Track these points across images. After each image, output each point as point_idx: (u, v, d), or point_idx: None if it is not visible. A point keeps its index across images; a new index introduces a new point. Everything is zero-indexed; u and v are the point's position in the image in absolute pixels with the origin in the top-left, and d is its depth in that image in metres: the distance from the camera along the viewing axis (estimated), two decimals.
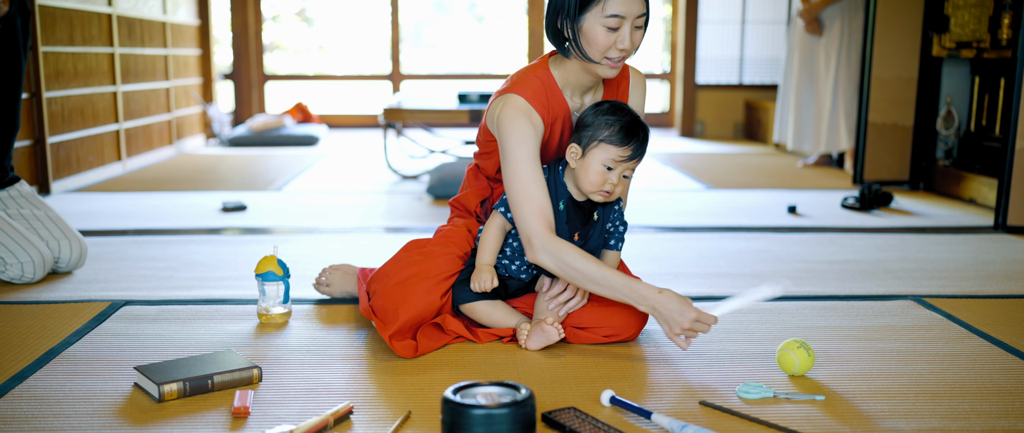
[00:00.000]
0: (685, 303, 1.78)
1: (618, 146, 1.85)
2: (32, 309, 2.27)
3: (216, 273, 2.66)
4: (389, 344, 1.90)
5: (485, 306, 2.00)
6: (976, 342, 2.03)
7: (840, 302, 2.37)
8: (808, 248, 3.04)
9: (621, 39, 1.84)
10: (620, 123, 1.86)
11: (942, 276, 2.67)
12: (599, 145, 1.86)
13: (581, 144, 1.89)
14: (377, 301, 1.98)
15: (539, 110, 1.92)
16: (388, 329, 1.91)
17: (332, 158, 5.66)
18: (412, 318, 1.93)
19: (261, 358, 1.90)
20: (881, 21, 4.35)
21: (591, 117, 1.89)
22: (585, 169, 1.88)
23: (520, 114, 1.90)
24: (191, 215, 3.65)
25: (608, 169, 1.87)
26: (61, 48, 4.28)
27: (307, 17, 10.48)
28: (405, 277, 1.97)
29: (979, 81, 4.24)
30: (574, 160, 1.91)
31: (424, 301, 1.94)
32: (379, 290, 1.99)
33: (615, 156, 1.86)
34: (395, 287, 1.96)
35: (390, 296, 1.95)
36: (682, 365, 1.87)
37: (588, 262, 1.82)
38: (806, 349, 1.79)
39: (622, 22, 1.83)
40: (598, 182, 1.88)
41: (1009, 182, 3.33)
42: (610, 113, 1.87)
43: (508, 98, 1.93)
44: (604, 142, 1.86)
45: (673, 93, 7.68)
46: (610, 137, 1.85)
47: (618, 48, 1.85)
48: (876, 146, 4.48)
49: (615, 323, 1.98)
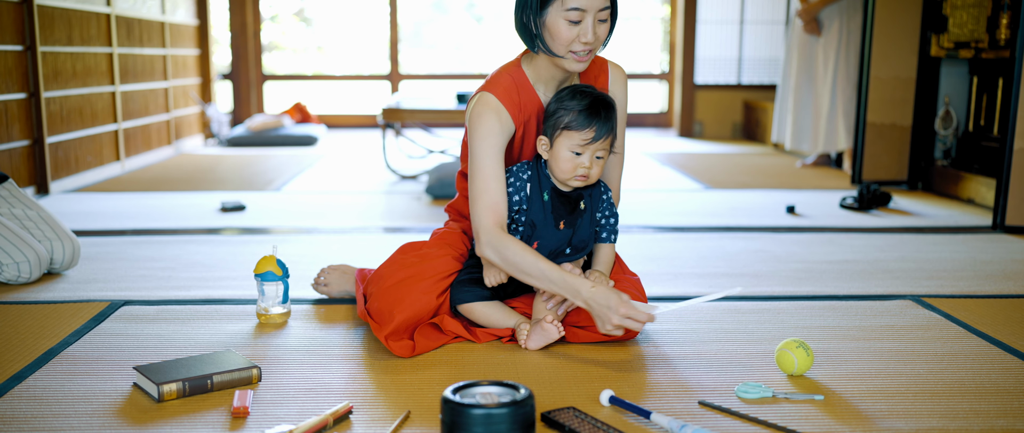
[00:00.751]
0: (618, 298, 1.79)
1: (580, 130, 1.87)
2: (31, 309, 2.27)
3: (215, 273, 2.66)
4: (386, 344, 1.90)
5: (483, 307, 2.00)
6: (975, 342, 2.04)
7: (839, 302, 2.37)
8: (807, 248, 3.04)
9: (584, 32, 1.85)
10: (579, 107, 1.88)
11: (940, 276, 2.67)
12: (562, 133, 1.89)
13: (548, 135, 1.91)
14: (373, 303, 1.99)
15: (510, 107, 1.95)
16: (384, 330, 1.92)
17: (331, 158, 5.66)
18: (408, 319, 1.93)
19: (260, 358, 1.90)
20: (879, 21, 4.35)
21: (554, 105, 1.91)
22: (555, 158, 1.91)
23: (489, 111, 1.92)
24: (190, 215, 3.65)
25: (577, 154, 1.89)
26: (59, 48, 4.28)
27: (306, 17, 10.48)
28: (401, 278, 1.98)
29: (977, 81, 4.24)
30: (545, 152, 1.93)
31: (420, 302, 1.94)
32: (375, 292, 2.00)
33: (579, 141, 1.88)
34: (391, 288, 1.96)
35: (386, 298, 1.95)
36: (681, 365, 1.87)
37: (527, 256, 1.85)
38: (805, 349, 1.79)
39: (583, 15, 1.85)
40: (569, 169, 1.90)
41: (1007, 182, 3.34)
42: (570, 99, 1.90)
43: (480, 96, 1.95)
44: (566, 129, 1.88)
45: (672, 93, 7.68)
46: (571, 123, 1.87)
47: (581, 41, 1.86)
48: (874, 146, 4.48)
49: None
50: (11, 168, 3.87)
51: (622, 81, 2.09)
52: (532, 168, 1.97)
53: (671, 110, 7.73)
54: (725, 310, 2.28)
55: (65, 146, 4.38)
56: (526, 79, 1.98)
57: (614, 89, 2.08)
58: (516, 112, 1.96)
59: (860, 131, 4.49)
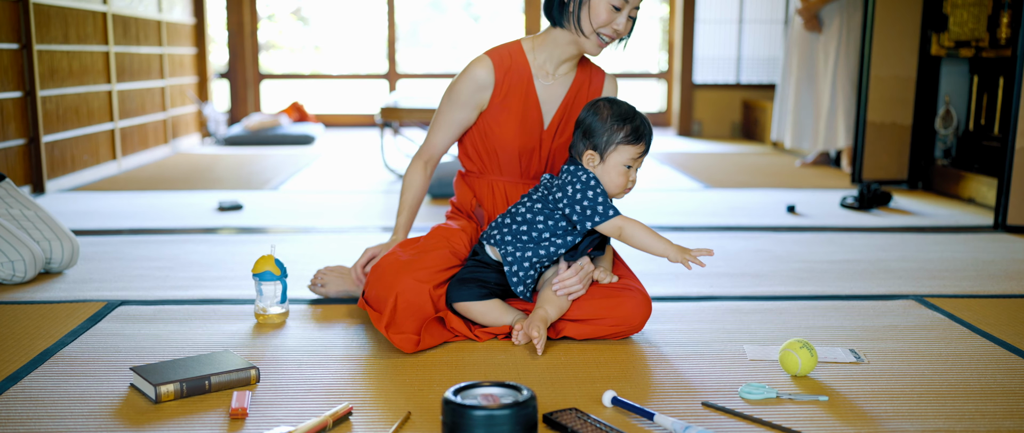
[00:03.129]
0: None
1: (635, 145, 1.93)
2: (26, 309, 2.25)
3: (212, 273, 2.64)
4: (387, 335, 1.89)
5: (481, 305, 1.99)
6: (979, 342, 2.02)
7: (841, 302, 2.36)
8: (808, 248, 3.03)
9: (619, 20, 2.00)
10: (631, 124, 1.93)
11: (943, 276, 2.66)
12: (617, 148, 1.93)
13: (598, 150, 1.94)
14: (370, 291, 2.00)
15: (497, 65, 2.09)
16: (382, 320, 1.91)
17: (328, 157, 5.63)
18: (405, 308, 1.92)
19: (259, 358, 1.88)
20: (880, 20, 4.34)
21: (596, 122, 1.94)
22: (607, 173, 1.95)
23: (473, 65, 2.10)
24: (187, 214, 3.63)
25: (627, 167, 1.94)
26: (56, 46, 4.26)
27: (302, 16, 10.45)
28: (398, 267, 1.99)
29: (978, 80, 4.23)
30: (593, 166, 1.96)
31: (414, 290, 1.94)
32: (372, 280, 2.01)
33: (633, 154, 1.94)
34: (388, 275, 1.97)
35: (382, 283, 1.96)
36: (684, 365, 1.86)
37: (412, 181, 2.20)
38: (809, 349, 1.77)
39: (625, 5, 1.99)
40: (622, 183, 1.96)
41: (1009, 182, 3.32)
42: (617, 117, 1.93)
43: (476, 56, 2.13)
44: (622, 144, 1.93)
45: (670, 92, 7.67)
46: (626, 138, 1.93)
47: (614, 27, 2.01)
48: (875, 145, 4.47)
49: (622, 313, 1.97)
50: (7, 167, 3.84)
51: (614, 88, 2.21)
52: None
53: (670, 109, 7.72)
54: (727, 311, 2.26)
55: (61, 145, 4.35)
56: (522, 51, 2.12)
57: (607, 90, 2.19)
58: (502, 73, 2.09)
59: (860, 130, 4.47)
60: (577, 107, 2.13)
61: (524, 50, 2.12)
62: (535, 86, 2.11)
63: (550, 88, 2.12)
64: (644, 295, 2.01)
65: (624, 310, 1.98)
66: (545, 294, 1.98)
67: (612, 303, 1.98)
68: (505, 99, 2.10)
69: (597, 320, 1.97)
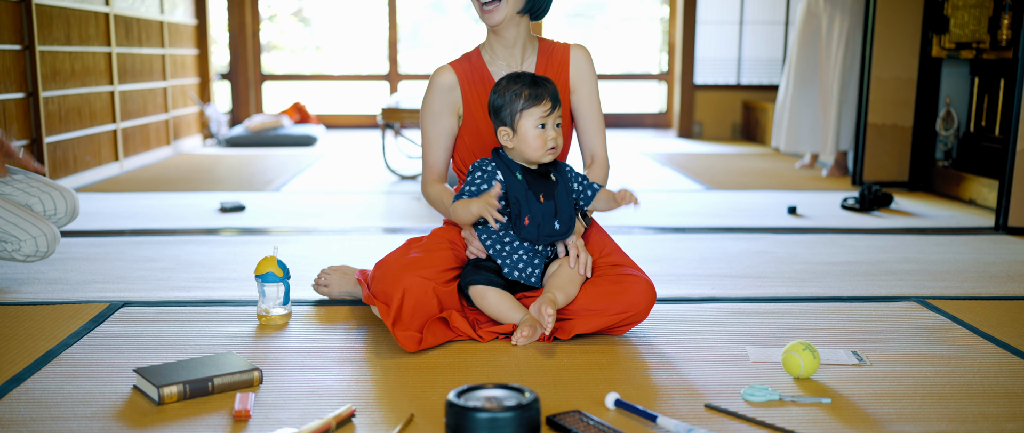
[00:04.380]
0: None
1: (538, 104, 1.99)
2: (29, 311, 2.25)
3: (215, 274, 2.64)
4: (392, 332, 1.90)
5: (495, 294, 2.00)
6: (981, 344, 2.02)
7: (843, 304, 2.36)
8: (809, 249, 3.03)
9: None
10: (526, 87, 2.00)
11: (944, 278, 2.66)
12: (522, 114, 1.99)
13: (508, 123, 2.01)
14: (376, 285, 2.00)
15: (454, 66, 2.17)
16: (390, 314, 1.92)
17: (330, 158, 5.64)
18: (412, 304, 1.93)
19: (261, 360, 1.88)
20: (880, 22, 4.34)
21: (499, 98, 2.02)
22: (524, 140, 2.00)
23: (434, 75, 2.17)
24: (189, 215, 3.63)
25: (542, 127, 1.99)
26: (58, 47, 4.26)
27: (304, 17, 10.45)
28: (405, 263, 2.00)
29: (978, 82, 4.23)
30: (509, 140, 2.02)
31: (421, 287, 1.95)
32: (378, 275, 2.01)
33: (540, 114, 1.99)
34: (395, 270, 1.98)
35: (388, 278, 1.97)
36: (686, 368, 1.86)
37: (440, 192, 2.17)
38: (811, 351, 1.77)
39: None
40: (540, 144, 1.99)
41: (1010, 184, 3.32)
42: (512, 84, 2.01)
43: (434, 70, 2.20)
44: (524, 110, 1.99)
45: (671, 93, 7.67)
46: (526, 103, 1.98)
47: None
48: (875, 147, 4.47)
49: (627, 300, 1.99)
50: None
51: (584, 57, 2.22)
52: (495, 158, 2.06)
53: (670, 110, 7.72)
54: (729, 312, 2.27)
55: (63, 146, 4.35)
56: (479, 55, 2.19)
57: (578, 66, 2.20)
58: (464, 75, 2.16)
59: (861, 132, 4.48)
60: None
61: (481, 53, 2.20)
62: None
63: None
64: (647, 282, 2.03)
65: (629, 297, 1.99)
66: (551, 281, 2.01)
67: (617, 289, 2.01)
68: (479, 102, 2.15)
69: (603, 309, 1.99)
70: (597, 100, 2.23)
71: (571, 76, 2.20)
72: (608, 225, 3.40)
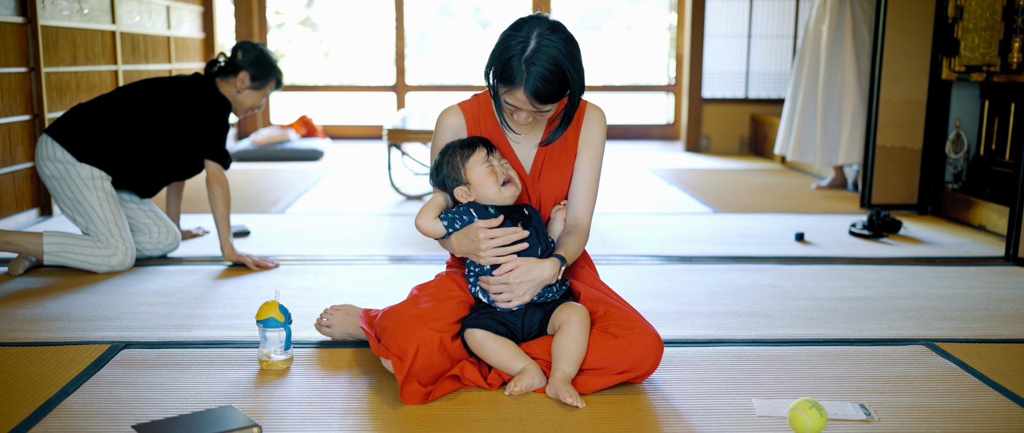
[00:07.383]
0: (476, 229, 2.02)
1: (474, 152, 2.05)
2: (30, 353, 2.24)
3: (217, 309, 2.63)
4: (401, 387, 1.88)
5: (495, 343, 1.97)
6: (991, 396, 1.99)
7: (850, 347, 2.33)
8: (816, 282, 3.00)
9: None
10: (456, 148, 2.07)
11: (954, 316, 2.63)
12: (466, 167, 2.05)
13: (461, 182, 2.06)
14: (388, 337, 1.95)
15: (463, 108, 2.17)
16: (403, 368, 1.89)
17: (337, 174, 5.62)
18: (425, 358, 1.90)
19: (262, 411, 1.86)
20: (890, 44, 4.31)
21: (438, 172, 2.09)
22: (481, 186, 2.05)
23: (442, 115, 2.17)
24: (194, 241, 3.62)
25: (492, 166, 2.05)
26: (64, 68, 4.25)
27: (312, 23, 10.46)
28: (417, 315, 1.96)
29: (989, 105, 4.20)
30: (466, 196, 2.07)
31: (433, 341, 1.91)
32: (390, 327, 1.97)
33: (481, 158, 2.05)
34: (407, 322, 1.94)
35: (401, 331, 1.92)
36: (693, 421, 1.84)
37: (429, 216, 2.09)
38: (818, 409, 1.75)
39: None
40: (494, 179, 2.04)
41: (1020, 213, 3.29)
42: (443, 155, 2.09)
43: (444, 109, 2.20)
44: (467, 162, 2.05)
45: (678, 106, 7.64)
46: (464, 156, 2.05)
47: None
48: (884, 169, 4.44)
49: (632, 356, 1.95)
50: (15, 190, 3.84)
51: (598, 120, 2.19)
52: (470, 206, 2.07)
53: (678, 122, 7.69)
54: (735, 357, 2.24)
55: None
56: (489, 100, 2.16)
57: (590, 127, 2.18)
58: (472, 118, 2.16)
59: (870, 154, 4.44)
60: (554, 145, 2.15)
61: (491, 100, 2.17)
62: (506, 137, 2.16)
63: (521, 134, 2.14)
64: (654, 336, 1.98)
65: (635, 353, 1.95)
66: (556, 349, 1.96)
67: (621, 345, 1.96)
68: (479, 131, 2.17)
69: (607, 368, 1.95)
70: (598, 168, 2.19)
71: (581, 135, 2.18)
72: (614, 254, 3.38)
